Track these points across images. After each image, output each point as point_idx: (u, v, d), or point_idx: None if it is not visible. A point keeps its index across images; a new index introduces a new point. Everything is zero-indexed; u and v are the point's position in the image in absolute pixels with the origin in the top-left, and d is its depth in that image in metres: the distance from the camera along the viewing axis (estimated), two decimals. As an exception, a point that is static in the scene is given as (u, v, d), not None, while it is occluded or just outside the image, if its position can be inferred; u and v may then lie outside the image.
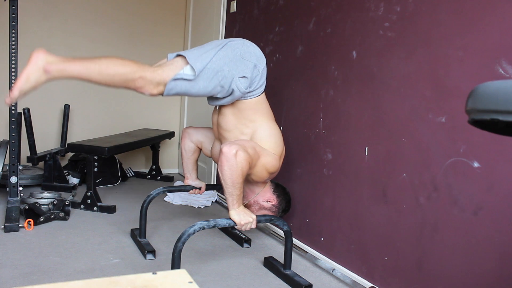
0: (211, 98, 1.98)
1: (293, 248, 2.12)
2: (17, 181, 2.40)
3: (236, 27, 3.11)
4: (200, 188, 2.41)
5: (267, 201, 2.15)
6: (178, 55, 1.86)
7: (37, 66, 1.65)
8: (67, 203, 2.63)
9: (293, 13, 2.43)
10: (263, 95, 2.03)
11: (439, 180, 1.56)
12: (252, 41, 2.07)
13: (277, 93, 2.55)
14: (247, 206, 2.14)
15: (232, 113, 2.00)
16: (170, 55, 1.91)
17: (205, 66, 1.79)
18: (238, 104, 1.98)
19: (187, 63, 1.79)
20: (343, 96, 2.04)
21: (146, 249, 2.13)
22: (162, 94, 1.81)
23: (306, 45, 2.31)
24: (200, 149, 2.39)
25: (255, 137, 1.97)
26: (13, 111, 2.38)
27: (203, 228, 1.76)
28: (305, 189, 2.30)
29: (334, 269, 2.03)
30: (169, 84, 1.77)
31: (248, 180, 2.04)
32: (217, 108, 2.10)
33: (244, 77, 1.87)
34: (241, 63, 1.88)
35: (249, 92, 1.94)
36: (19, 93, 1.62)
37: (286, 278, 1.95)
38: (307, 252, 2.24)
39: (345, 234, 2.02)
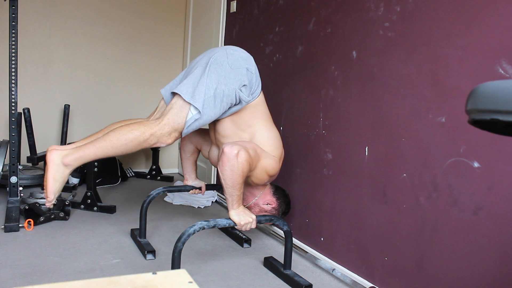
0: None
1: (293, 248, 2.12)
2: (17, 181, 2.40)
3: (236, 27, 3.11)
4: (200, 188, 2.41)
5: (267, 204, 2.16)
6: (173, 93, 1.89)
7: (56, 165, 1.78)
8: (67, 203, 2.63)
9: (293, 13, 2.43)
10: (261, 96, 2.01)
11: (439, 180, 1.56)
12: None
13: (277, 93, 2.55)
14: (247, 208, 2.14)
15: (230, 118, 1.98)
16: (164, 92, 1.99)
17: (204, 98, 1.81)
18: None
19: (186, 101, 1.81)
20: (343, 96, 2.04)
21: (146, 249, 2.13)
22: (178, 138, 1.87)
23: (306, 45, 2.31)
24: (199, 150, 2.39)
25: (254, 141, 1.97)
26: (13, 111, 2.38)
27: (203, 228, 1.76)
28: (305, 189, 2.30)
29: (334, 269, 2.03)
30: (186, 130, 1.83)
31: (248, 183, 2.04)
32: None
33: (244, 85, 1.87)
34: (235, 74, 1.86)
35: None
36: (54, 195, 1.79)
37: (286, 278, 1.95)
38: (307, 252, 2.24)
39: (345, 234, 2.02)
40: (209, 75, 1.83)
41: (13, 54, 2.38)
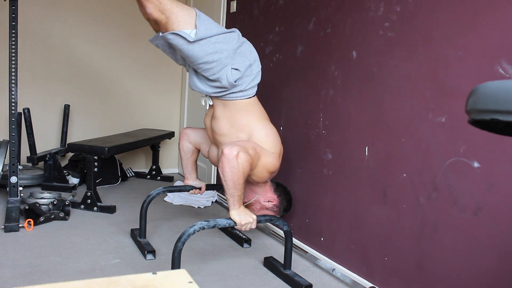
0: (194, 77, 2.00)
1: (293, 248, 2.12)
2: (17, 181, 2.40)
3: (236, 27, 3.10)
4: (200, 188, 2.41)
5: (268, 201, 2.15)
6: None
7: None
8: (67, 203, 2.63)
9: (293, 13, 2.43)
10: (255, 98, 2.04)
11: (439, 180, 1.56)
12: (252, 41, 2.08)
13: (277, 93, 2.55)
14: (248, 206, 2.14)
15: (224, 116, 2.00)
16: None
17: (207, 37, 1.86)
18: (230, 105, 1.98)
19: (195, 23, 1.85)
20: (343, 96, 2.04)
21: (146, 249, 2.14)
22: (158, 23, 1.87)
23: (306, 45, 2.31)
24: (199, 150, 2.39)
25: (253, 139, 1.97)
26: (13, 111, 2.38)
27: (203, 228, 1.76)
28: (305, 189, 2.30)
29: (334, 269, 2.03)
30: (169, 34, 1.85)
31: (249, 181, 2.04)
32: (210, 109, 2.09)
33: (237, 69, 1.90)
34: (239, 57, 1.93)
35: (241, 91, 1.95)
36: None
37: (286, 278, 1.95)
38: (307, 252, 2.24)
39: (345, 234, 2.02)
40: (227, 36, 1.92)
41: (13, 54, 2.38)
